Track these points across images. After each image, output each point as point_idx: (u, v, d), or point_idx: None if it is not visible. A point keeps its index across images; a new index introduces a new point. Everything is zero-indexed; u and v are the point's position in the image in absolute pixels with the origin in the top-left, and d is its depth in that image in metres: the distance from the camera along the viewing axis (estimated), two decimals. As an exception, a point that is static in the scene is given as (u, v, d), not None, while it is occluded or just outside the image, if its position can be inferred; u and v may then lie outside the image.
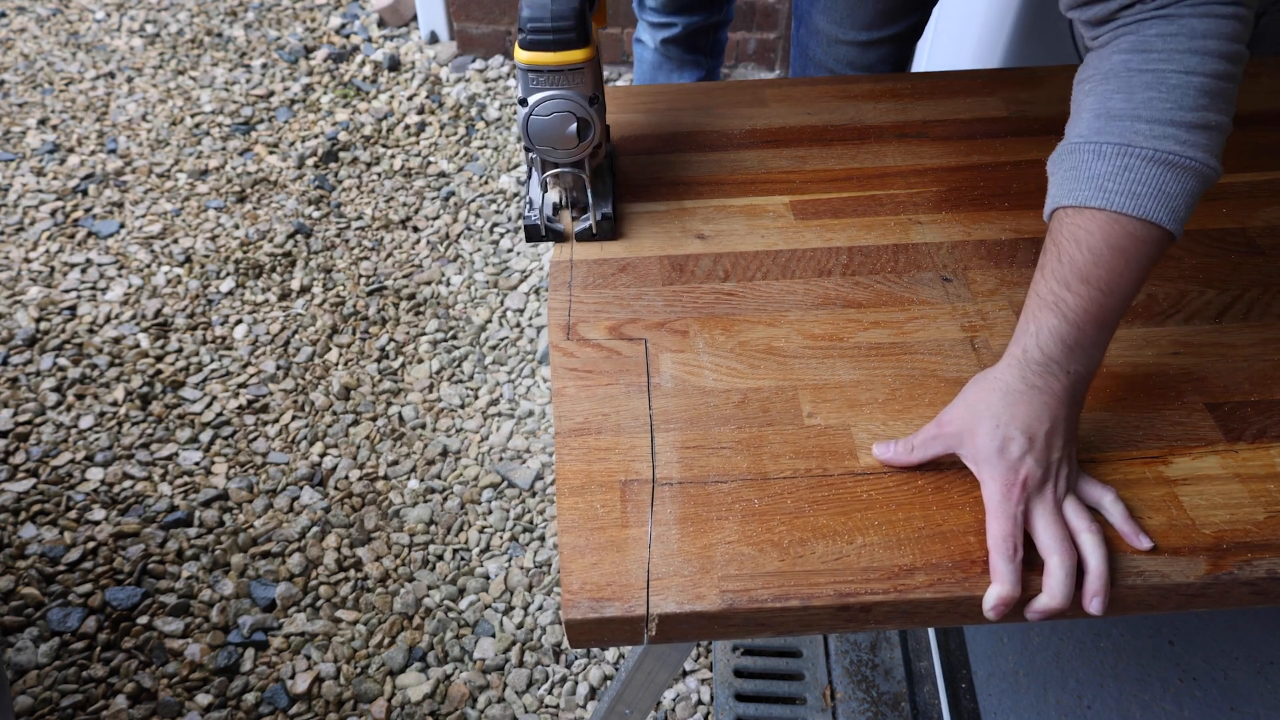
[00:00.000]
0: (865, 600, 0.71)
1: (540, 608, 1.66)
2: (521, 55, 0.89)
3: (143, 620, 1.63)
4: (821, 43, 1.40)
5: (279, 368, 2.03)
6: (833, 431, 0.83)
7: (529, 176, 1.05)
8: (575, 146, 0.94)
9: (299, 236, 2.31)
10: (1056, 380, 0.75)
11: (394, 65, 2.89)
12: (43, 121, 2.66)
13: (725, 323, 0.94)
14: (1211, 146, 0.73)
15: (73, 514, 1.77)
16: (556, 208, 1.04)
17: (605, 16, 1.02)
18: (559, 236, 1.03)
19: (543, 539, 1.75)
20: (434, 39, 2.98)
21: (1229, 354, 0.90)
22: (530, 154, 0.97)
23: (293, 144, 2.59)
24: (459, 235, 2.34)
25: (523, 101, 0.92)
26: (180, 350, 2.06)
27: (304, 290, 2.19)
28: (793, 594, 0.71)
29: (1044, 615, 0.72)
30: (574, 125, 0.91)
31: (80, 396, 1.96)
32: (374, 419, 1.94)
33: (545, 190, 1.02)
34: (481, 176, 2.51)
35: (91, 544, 1.72)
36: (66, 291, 2.17)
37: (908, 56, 1.55)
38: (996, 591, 0.71)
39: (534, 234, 1.02)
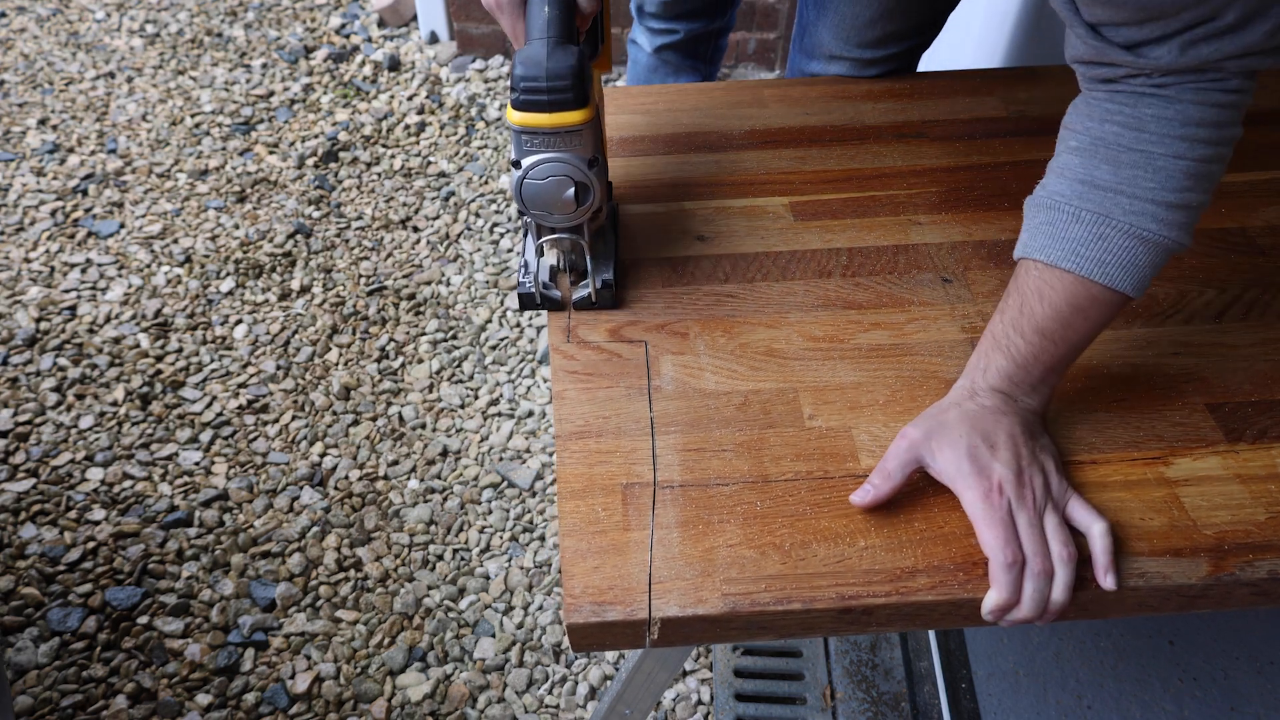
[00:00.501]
0: (867, 603, 0.71)
1: (540, 608, 1.65)
2: (514, 116, 0.82)
3: (143, 620, 1.63)
4: (822, 57, 1.39)
5: (279, 368, 2.03)
6: (834, 434, 0.83)
7: (524, 238, 0.99)
8: (573, 212, 0.88)
9: (299, 236, 2.31)
10: (1006, 404, 0.79)
11: (394, 65, 2.88)
12: (43, 121, 2.66)
13: (726, 325, 0.94)
14: (1187, 225, 0.75)
15: (73, 514, 1.77)
16: (554, 272, 0.98)
17: (610, 61, 0.96)
18: (556, 305, 0.97)
19: (543, 539, 1.75)
20: (434, 39, 2.98)
21: (1229, 354, 0.90)
22: (525, 217, 0.91)
23: (293, 144, 2.59)
24: (459, 235, 2.34)
25: (515, 164, 0.85)
26: (180, 350, 2.06)
27: (304, 290, 2.19)
28: (795, 597, 0.71)
29: (1014, 623, 0.73)
30: (571, 190, 0.85)
31: (80, 396, 1.96)
32: (374, 419, 1.94)
33: (541, 254, 0.96)
34: (481, 176, 2.51)
35: (91, 544, 1.72)
36: (66, 291, 2.17)
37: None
38: (995, 598, 0.71)
39: (528, 302, 0.96)
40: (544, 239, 0.91)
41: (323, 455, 1.87)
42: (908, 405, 0.85)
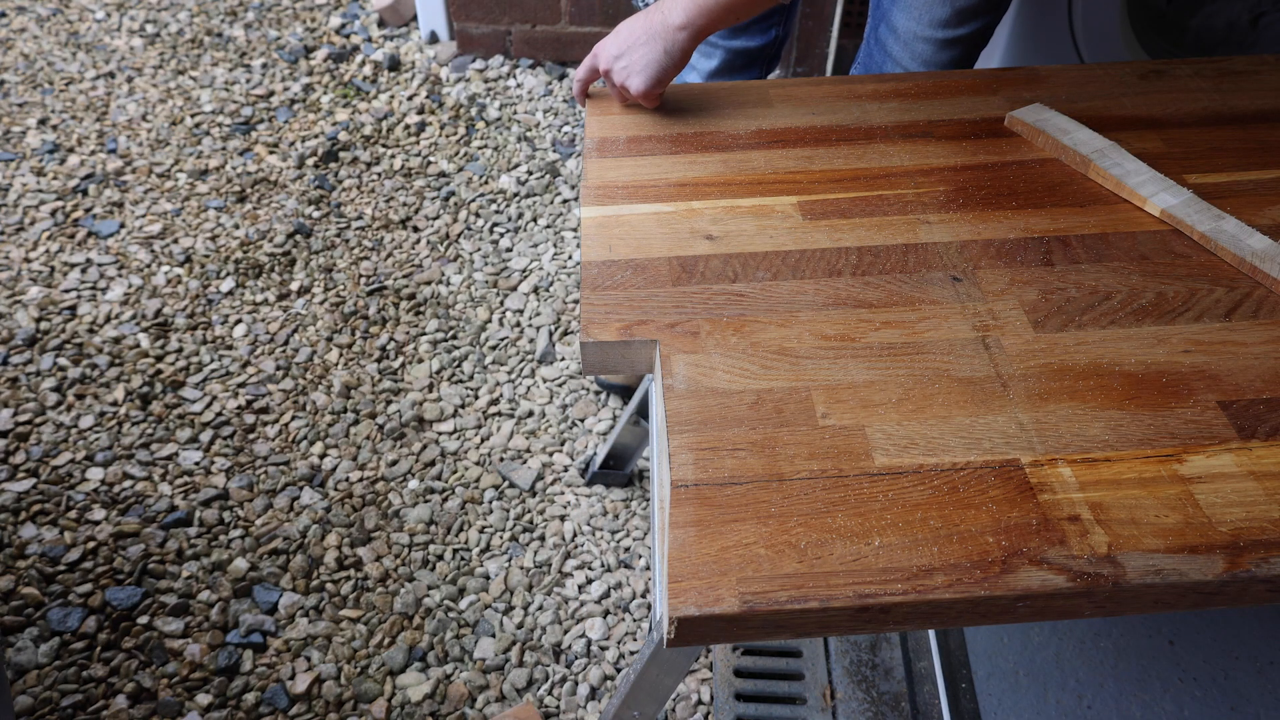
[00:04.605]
0: (885, 601, 0.71)
1: (540, 608, 1.65)
2: None
3: (143, 620, 1.62)
4: (901, 40, 1.41)
5: (279, 368, 2.02)
6: (847, 432, 0.83)
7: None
8: None
9: (299, 236, 2.31)
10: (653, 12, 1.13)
11: (394, 65, 2.88)
12: (43, 121, 2.65)
13: (737, 324, 0.94)
14: None
15: (73, 514, 1.76)
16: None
17: None
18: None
19: (543, 539, 1.75)
20: (434, 39, 2.97)
21: (1240, 352, 0.91)
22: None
23: (293, 144, 2.59)
24: (459, 235, 2.34)
25: None
26: (180, 350, 2.05)
27: (304, 290, 2.19)
28: (812, 595, 0.71)
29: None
30: None
31: (80, 396, 1.95)
32: (374, 418, 1.93)
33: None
34: (481, 176, 2.50)
35: (91, 544, 1.71)
36: (66, 291, 2.17)
37: (974, 60, 1.54)
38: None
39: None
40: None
41: (323, 455, 1.87)
42: (921, 404, 0.85)
